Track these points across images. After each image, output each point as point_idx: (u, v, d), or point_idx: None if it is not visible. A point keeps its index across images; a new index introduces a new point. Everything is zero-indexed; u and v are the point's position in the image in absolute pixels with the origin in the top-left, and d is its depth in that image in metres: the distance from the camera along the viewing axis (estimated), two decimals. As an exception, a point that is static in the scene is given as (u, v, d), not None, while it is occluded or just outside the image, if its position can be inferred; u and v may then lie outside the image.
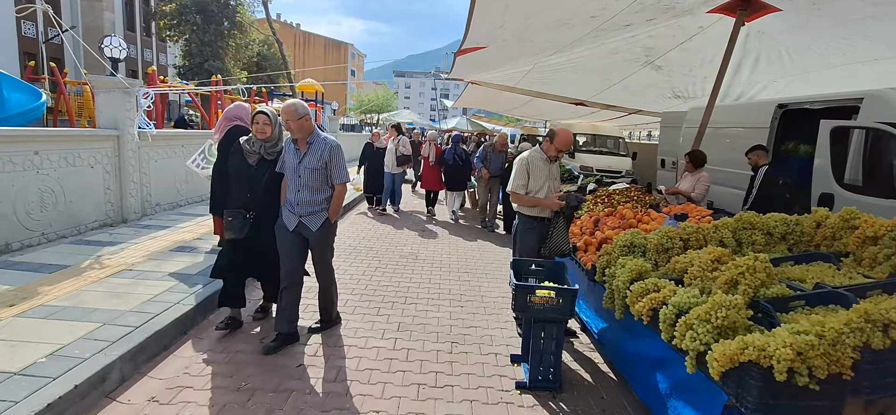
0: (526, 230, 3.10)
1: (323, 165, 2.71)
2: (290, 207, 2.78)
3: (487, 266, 4.86)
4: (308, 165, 2.69)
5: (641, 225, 3.53)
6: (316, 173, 2.70)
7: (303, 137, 2.70)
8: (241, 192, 2.82)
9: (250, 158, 2.80)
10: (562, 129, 3.04)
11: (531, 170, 3.03)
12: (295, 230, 2.77)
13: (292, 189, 2.75)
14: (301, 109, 2.65)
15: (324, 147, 2.73)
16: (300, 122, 2.65)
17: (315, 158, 2.70)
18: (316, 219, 2.77)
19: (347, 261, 4.71)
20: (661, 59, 6.87)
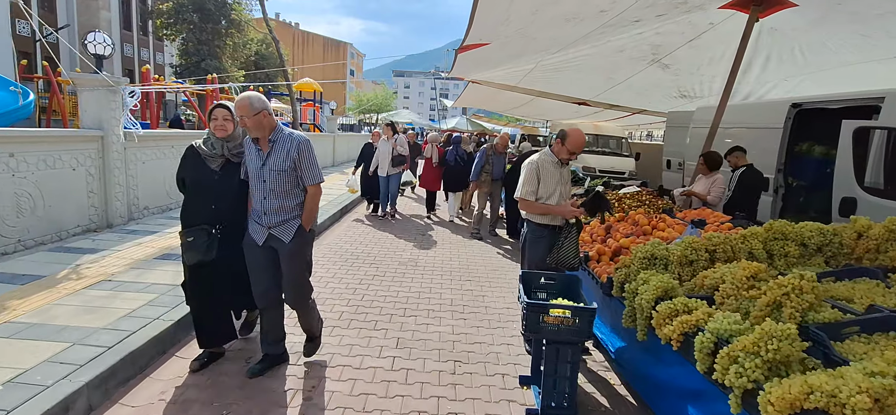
0: (536, 239, 2.87)
1: (291, 166, 2.34)
2: (257, 218, 2.38)
3: (490, 273, 4.63)
4: (273, 166, 2.32)
5: (657, 232, 3.30)
6: (283, 176, 2.33)
7: (263, 135, 2.32)
8: (205, 204, 2.37)
9: (212, 162, 2.38)
10: (574, 129, 2.81)
11: (541, 175, 2.80)
12: (265, 245, 2.38)
13: (258, 196, 2.36)
14: (257, 103, 2.25)
15: (290, 144, 2.34)
16: (257, 118, 2.25)
17: (281, 157, 2.32)
18: (288, 228, 2.38)
19: (343, 268, 4.47)
20: (669, 58, 6.66)
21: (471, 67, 7.60)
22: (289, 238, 2.38)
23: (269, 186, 2.33)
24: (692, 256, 2.32)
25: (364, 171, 7.38)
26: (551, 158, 2.87)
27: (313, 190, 2.44)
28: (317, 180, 2.42)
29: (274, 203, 2.34)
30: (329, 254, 4.96)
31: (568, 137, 2.78)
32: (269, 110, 2.31)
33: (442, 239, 6.09)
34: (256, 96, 2.28)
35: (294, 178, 2.37)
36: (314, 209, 2.48)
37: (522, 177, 2.84)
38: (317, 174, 2.42)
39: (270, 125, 2.32)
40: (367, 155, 7.37)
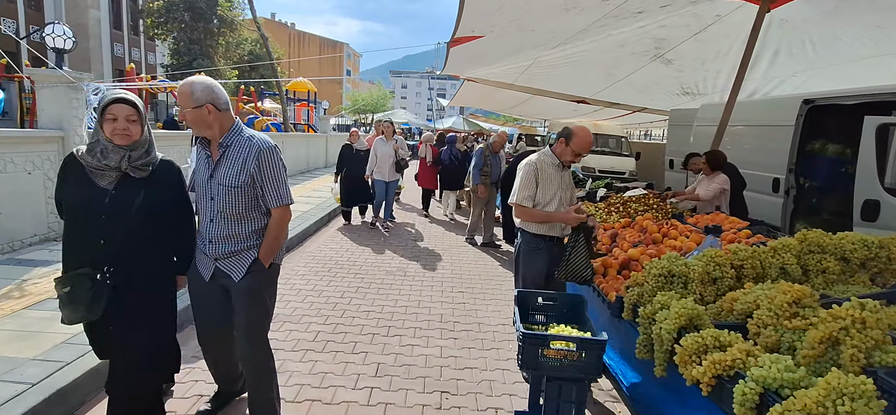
0: (531, 251, 2.53)
1: (247, 180, 1.76)
2: (202, 245, 1.85)
3: (485, 284, 4.29)
4: (224, 180, 1.76)
5: (668, 241, 2.97)
6: (237, 193, 1.77)
7: (212, 136, 1.77)
8: (90, 237, 1.67)
9: (102, 178, 1.66)
10: (580, 127, 2.47)
11: (540, 178, 2.47)
12: (212, 280, 1.85)
13: (204, 218, 1.84)
14: (201, 92, 1.70)
15: (248, 151, 1.76)
16: (199, 113, 1.70)
17: (234, 169, 1.76)
18: (239, 262, 1.81)
19: (325, 279, 4.12)
20: (672, 52, 6.35)
21: (465, 64, 7.27)
22: (240, 274, 1.81)
23: (218, 205, 1.78)
24: (716, 274, 1.99)
25: (344, 177, 6.51)
26: (552, 160, 2.53)
27: (279, 214, 1.84)
28: (284, 202, 1.83)
29: (223, 228, 1.79)
30: (311, 263, 4.61)
31: (574, 136, 2.43)
32: (219, 103, 1.75)
33: (433, 245, 5.75)
34: (203, 83, 1.73)
35: (252, 196, 1.80)
36: (278, 240, 1.88)
37: (519, 180, 2.50)
38: (284, 193, 1.83)
39: (222, 124, 1.76)
40: (347, 159, 6.49)
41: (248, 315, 1.87)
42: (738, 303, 1.76)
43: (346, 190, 6.51)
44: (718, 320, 1.81)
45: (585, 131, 2.45)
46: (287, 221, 1.92)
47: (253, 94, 19.25)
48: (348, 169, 6.47)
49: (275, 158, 1.81)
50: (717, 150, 4.02)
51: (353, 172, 6.43)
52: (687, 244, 2.70)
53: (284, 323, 3.13)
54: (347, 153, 6.53)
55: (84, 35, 27.91)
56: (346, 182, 6.50)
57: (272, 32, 36.77)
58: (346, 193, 6.52)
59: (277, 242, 1.89)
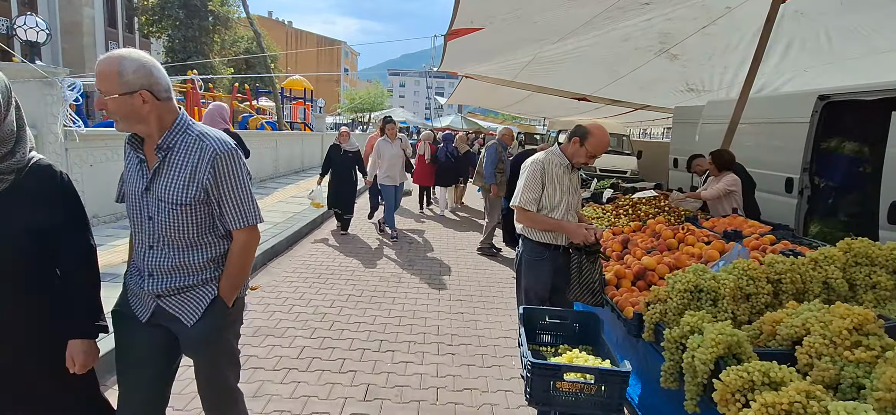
0: (534, 262, 2.28)
1: (199, 194, 1.33)
2: (138, 279, 1.40)
3: (484, 291, 4.04)
4: (165, 193, 1.32)
5: (685, 248, 2.72)
6: (184, 212, 1.33)
7: (147, 133, 1.32)
8: None
9: None
10: (597, 126, 2.22)
11: (547, 179, 2.22)
12: (150, 323, 1.40)
13: (140, 243, 1.39)
14: (134, 72, 1.23)
15: (199, 156, 1.32)
16: (124, 101, 1.24)
17: (180, 178, 1.32)
18: (192, 300, 1.39)
19: (314, 287, 3.86)
20: (678, 47, 6.11)
21: (463, 60, 7.01)
22: (193, 317, 1.38)
23: (159, 228, 1.34)
24: (750, 289, 1.74)
25: (332, 180, 5.98)
26: (561, 160, 2.27)
27: (243, 238, 1.42)
28: (249, 221, 1.41)
29: (167, 258, 1.36)
30: (300, 268, 4.35)
31: (590, 135, 2.17)
32: (159, 89, 1.28)
33: (429, 249, 5.49)
34: (137, 60, 1.24)
35: (206, 215, 1.37)
36: (244, 271, 1.47)
37: (523, 180, 2.24)
38: (249, 211, 1.41)
39: (162, 118, 1.30)
40: (335, 160, 5.94)
41: (211, 371, 1.48)
42: (782, 326, 1.51)
43: (332, 192, 6.03)
44: (757, 346, 1.56)
45: (602, 131, 2.21)
46: (254, 247, 1.48)
47: (248, 93, 18.96)
48: (334, 171, 5.98)
49: (236, 165, 1.36)
50: (723, 149, 3.78)
51: (341, 172, 5.96)
52: (708, 252, 2.45)
53: (267, 337, 2.88)
54: (335, 155, 5.97)
55: (78, 33, 27.59)
56: (332, 184, 6.01)
57: (269, 30, 36.45)
58: (332, 195, 6.04)
59: (243, 274, 1.46)
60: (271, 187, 8.58)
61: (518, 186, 2.28)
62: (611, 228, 3.26)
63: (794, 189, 5.06)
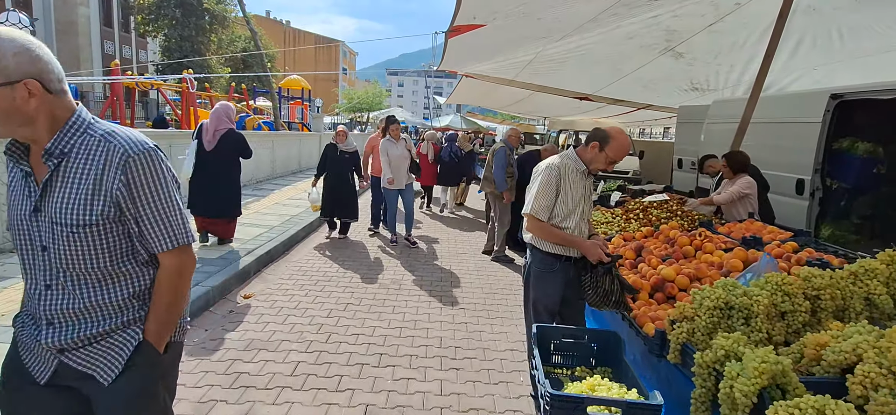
0: (544, 273, 2.13)
1: (107, 209, 1.02)
2: (33, 329, 1.09)
3: (488, 299, 3.88)
4: (60, 213, 1.01)
5: (703, 256, 2.57)
6: (88, 236, 1.03)
7: (36, 137, 1.01)
8: None
9: None
10: (618, 130, 2.07)
11: (562, 186, 2.06)
12: (52, 385, 1.09)
13: (32, 282, 1.08)
14: (15, 56, 0.93)
15: (106, 159, 1.02)
16: (7, 94, 0.93)
17: (80, 192, 1.01)
18: (109, 351, 1.08)
19: (311, 295, 3.70)
20: (684, 45, 5.97)
21: (464, 58, 6.86)
22: (112, 373, 1.07)
23: (58, 258, 1.04)
24: (785, 306, 1.59)
25: (328, 184, 5.54)
26: (577, 165, 2.11)
27: (174, 263, 1.11)
28: (179, 241, 1.10)
29: (72, 299, 1.05)
30: (297, 275, 4.19)
31: (611, 140, 2.02)
32: (50, 80, 0.98)
33: (431, 253, 5.34)
34: (17, 40, 0.94)
35: (119, 236, 1.06)
36: (177, 306, 1.15)
37: (536, 186, 2.08)
38: (177, 227, 1.10)
39: (53, 115, 1.00)
40: (333, 160, 5.53)
41: None
42: (829, 351, 1.35)
43: (327, 197, 5.55)
44: (800, 372, 1.41)
45: (623, 136, 2.06)
46: (189, 274, 1.16)
47: (245, 92, 18.77)
48: (330, 173, 5.56)
49: (156, 168, 1.05)
50: (737, 150, 3.62)
51: (336, 176, 5.54)
52: (730, 262, 2.29)
53: (260, 351, 2.72)
54: (332, 154, 5.57)
55: (73, 32, 27.33)
56: (327, 188, 5.57)
57: (267, 30, 36.26)
58: (327, 201, 5.56)
59: (175, 310, 1.14)
60: (268, 189, 8.40)
61: (530, 191, 2.12)
62: (622, 234, 3.11)
63: (806, 191, 4.92)
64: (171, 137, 6.94)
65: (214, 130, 4.19)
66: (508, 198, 5.12)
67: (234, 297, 3.56)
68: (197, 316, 3.14)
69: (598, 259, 1.92)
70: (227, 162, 4.30)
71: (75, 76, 18.32)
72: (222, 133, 4.22)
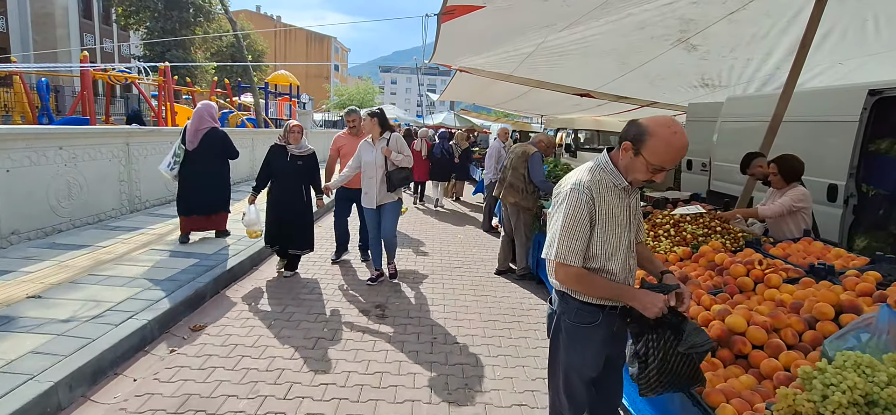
0: (580, 329, 1.51)
1: None
2: None
3: (488, 327, 3.29)
4: None
5: (765, 290, 2.02)
6: None
7: None
8: None
9: None
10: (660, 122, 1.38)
11: (599, 213, 1.43)
12: None
13: None
14: None
15: None
16: None
17: None
18: None
19: (275, 326, 3.07)
20: (700, 36, 5.46)
21: (459, 49, 6.27)
22: None
23: None
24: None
25: (272, 200, 3.94)
26: (614, 180, 1.47)
27: None
28: None
29: None
30: (260, 298, 3.57)
31: (650, 137, 1.35)
32: None
33: (422, 263, 4.73)
34: None
35: None
36: None
37: (560, 218, 1.44)
38: None
39: None
40: (280, 167, 3.88)
41: None
42: None
43: (271, 219, 3.93)
44: None
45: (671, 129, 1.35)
46: None
47: (228, 88, 17.96)
48: (276, 185, 3.91)
49: None
50: (792, 155, 3.07)
51: (284, 190, 3.89)
52: (816, 307, 1.73)
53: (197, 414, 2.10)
54: (277, 160, 3.87)
55: (50, 24, 26.24)
56: (271, 207, 3.93)
57: (257, 25, 35.28)
58: (271, 225, 3.93)
59: None
60: (245, 191, 7.71)
61: (552, 226, 1.49)
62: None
63: (838, 197, 4.42)
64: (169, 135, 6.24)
65: (196, 129, 4.19)
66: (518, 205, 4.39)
67: (180, 329, 2.94)
68: (126, 359, 2.51)
69: (660, 312, 1.33)
70: (212, 160, 4.32)
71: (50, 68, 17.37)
72: (204, 132, 4.22)
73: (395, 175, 3.81)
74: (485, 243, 5.85)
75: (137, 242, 4.37)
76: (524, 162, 4.36)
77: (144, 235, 4.60)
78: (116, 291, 3.10)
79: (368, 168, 3.84)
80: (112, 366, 2.42)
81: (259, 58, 28.55)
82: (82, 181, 4.72)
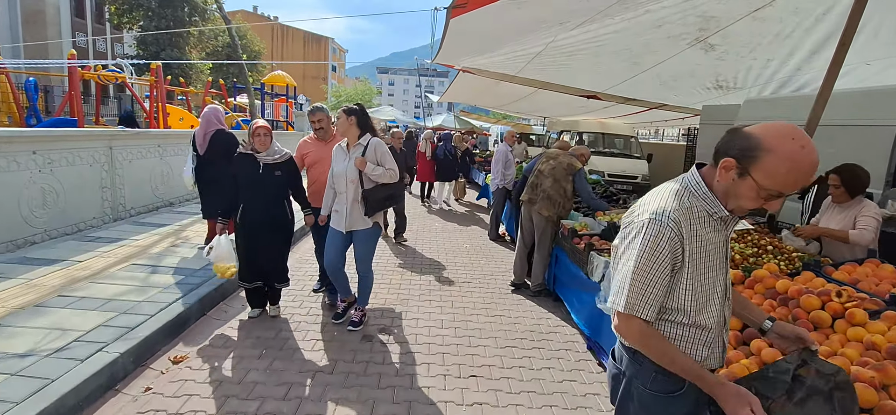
0: (658, 398, 1.17)
1: None
2: None
3: (506, 355, 2.95)
4: None
5: (848, 327, 1.70)
6: None
7: None
8: None
9: None
10: (781, 131, 1.01)
11: (687, 249, 1.09)
12: None
13: None
14: None
15: None
16: None
17: None
18: None
19: (266, 356, 2.72)
20: (719, 35, 5.18)
21: (464, 48, 5.95)
22: None
23: None
24: None
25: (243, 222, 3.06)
26: (711, 207, 1.13)
27: None
28: None
29: None
30: (250, 323, 3.21)
31: (766, 152, 1.01)
32: None
33: (427, 280, 4.39)
34: None
35: None
36: None
37: (632, 259, 1.11)
38: None
39: None
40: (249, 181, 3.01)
41: None
42: None
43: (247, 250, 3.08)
44: None
45: (798, 144, 1.00)
46: None
47: (223, 88, 17.57)
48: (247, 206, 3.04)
49: None
50: (855, 164, 2.75)
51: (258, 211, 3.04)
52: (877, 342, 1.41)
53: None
54: (246, 173, 3.01)
55: (41, 22, 25.73)
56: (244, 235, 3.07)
57: (253, 26, 34.83)
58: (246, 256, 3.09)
59: None
60: (239, 196, 7.36)
61: (620, 266, 1.15)
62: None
63: (876, 209, 4.12)
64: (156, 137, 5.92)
65: (204, 133, 4.11)
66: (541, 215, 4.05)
67: (158, 360, 2.59)
68: (92, 402, 2.16)
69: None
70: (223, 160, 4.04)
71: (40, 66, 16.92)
72: (212, 135, 4.13)
73: (373, 195, 2.90)
74: (493, 254, 5.52)
75: (118, 255, 4.01)
76: (569, 176, 4.05)
77: (126, 248, 4.23)
78: (87, 317, 2.75)
79: (339, 181, 2.97)
80: (74, 412, 2.07)
81: (255, 58, 28.16)
82: (59, 188, 4.35)
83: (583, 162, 4.24)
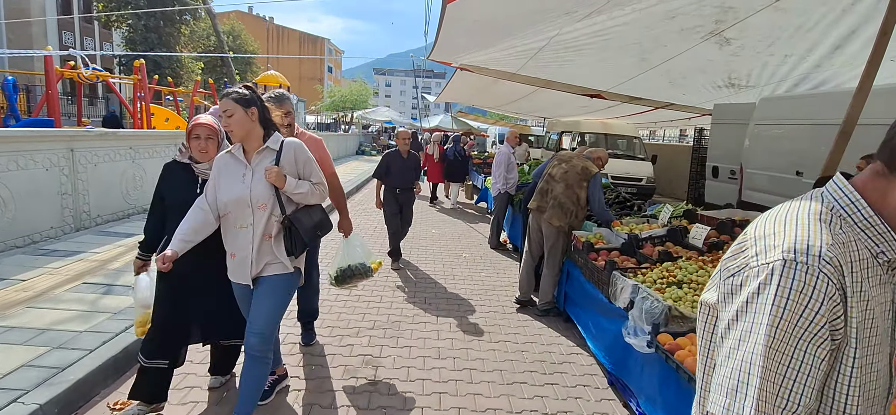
0: None
1: None
2: None
3: (513, 390, 2.51)
4: None
5: None
6: None
7: None
8: None
9: None
10: None
11: (855, 312, 0.63)
12: None
13: None
14: None
15: None
16: None
17: None
18: None
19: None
20: (736, 28, 4.82)
21: (463, 43, 5.55)
22: None
23: None
24: None
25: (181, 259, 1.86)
26: (879, 241, 0.67)
27: None
28: None
29: None
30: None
31: None
32: None
33: (422, 297, 3.94)
34: None
35: None
36: None
37: (758, 335, 0.62)
38: None
39: None
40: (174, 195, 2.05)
41: None
42: None
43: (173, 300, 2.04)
44: None
45: None
46: None
47: (212, 88, 17.05)
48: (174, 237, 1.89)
49: None
50: None
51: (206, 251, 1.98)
52: None
53: None
54: (178, 191, 2.05)
55: (25, 20, 25.02)
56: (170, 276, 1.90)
57: (249, 26, 34.22)
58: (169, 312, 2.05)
59: None
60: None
61: (732, 349, 0.67)
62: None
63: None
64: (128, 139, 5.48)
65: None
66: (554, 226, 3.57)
67: (92, 410, 2.13)
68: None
69: None
70: None
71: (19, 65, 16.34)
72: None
73: (300, 223, 1.94)
74: (494, 264, 5.09)
75: (70, 272, 3.53)
76: (583, 182, 3.58)
77: (82, 263, 3.76)
78: (11, 354, 2.29)
79: (237, 209, 1.90)
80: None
81: (249, 59, 27.61)
82: (7, 196, 3.88)
83: (599, 166, 3.73)
